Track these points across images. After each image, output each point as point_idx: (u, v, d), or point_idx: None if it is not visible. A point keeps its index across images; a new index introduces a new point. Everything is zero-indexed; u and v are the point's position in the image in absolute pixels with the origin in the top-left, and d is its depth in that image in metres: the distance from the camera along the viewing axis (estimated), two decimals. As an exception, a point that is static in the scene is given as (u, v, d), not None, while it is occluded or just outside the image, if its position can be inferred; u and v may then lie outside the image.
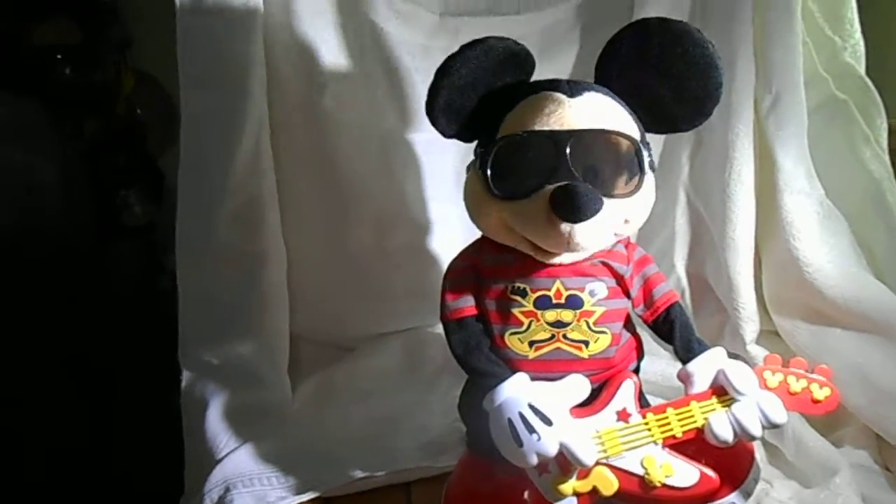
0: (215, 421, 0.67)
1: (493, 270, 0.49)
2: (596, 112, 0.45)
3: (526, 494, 0.50)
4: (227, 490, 0.61)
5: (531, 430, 0.44)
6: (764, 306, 0.67)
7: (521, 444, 0.43)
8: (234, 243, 0.67)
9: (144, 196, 1.13)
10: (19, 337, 0.91)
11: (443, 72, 0.45)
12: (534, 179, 0.44)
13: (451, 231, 0.78)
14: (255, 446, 0.66)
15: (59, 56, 1.19)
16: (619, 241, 0.49)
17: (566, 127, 0.44)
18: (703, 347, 0.49)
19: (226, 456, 0.65)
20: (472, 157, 0.49)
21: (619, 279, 0.49)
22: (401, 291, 0.79)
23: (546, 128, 0.44)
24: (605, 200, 0.43)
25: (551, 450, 0.44)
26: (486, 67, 0.46)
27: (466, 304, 0.50)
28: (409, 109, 0.74)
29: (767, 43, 0.61)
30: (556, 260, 0.47)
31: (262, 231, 0.68)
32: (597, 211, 0.42)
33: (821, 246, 0.59)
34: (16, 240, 0.98)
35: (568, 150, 0.43)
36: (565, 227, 0.43)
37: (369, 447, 0.66)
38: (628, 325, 0.51)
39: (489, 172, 0.45)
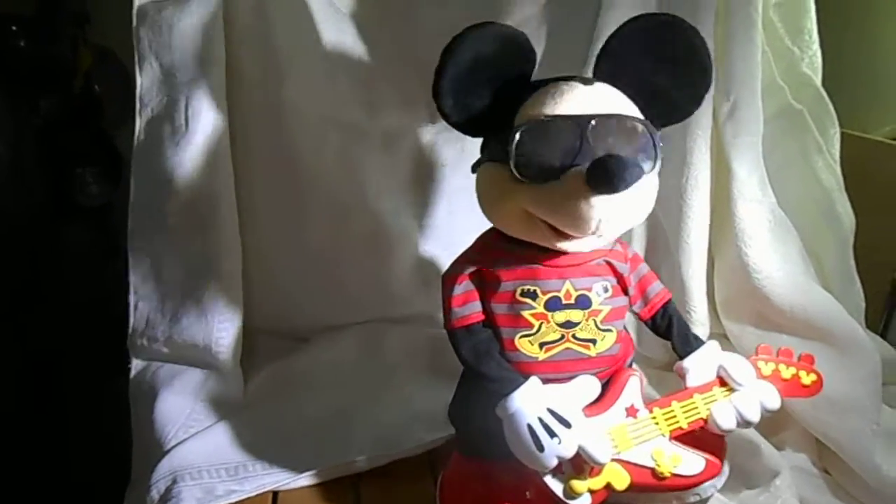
0: (164, 411, 0.66)
1: (499, 273, 0.49)
2: (612, 99, 0.46)
3: (528, 494, 0.51)
4: (175, 482, 0.60)
5: (552, 434, 0.44)
6: (715, 310, 0.68)
7: (542, 449, 0.44)
8: (188, 235, 0.66)
9: (101, 175, 1.10)
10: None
11: (447, 52, 0.45)
12: (559, 161, 0.43)
13: (406, 224, 0.78)
14: (205, 438, 0.65)
15: (13, 28, 1.15)
16: (616, 241, 0.50)
17: (587, 110, 0.44)
18: (699, 342, 0.52)
19: (174, 447, 0.64)
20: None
21: (620, 277, 0.50)
22: (356, 284, 0.78)
23: (568, 112, 0.44)
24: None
25: (571, 452, 0.45)
26: (490, 49, 0.45)
27: (473, 311, 0.49)
28: (370, 101, 0.73)
29: (728, 51, 0.62)
30: (572, 249, 0.47)
31: (217, 223, 0.67)
32: (639, 176, 0.42)
33: (771, 254, 0.60)
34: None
35: (591, 132, 0.43)
36: (600, 205, 0.43)
37: (321, 439, 0.66)
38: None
39: (513, 158, 0.44)
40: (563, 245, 0.47)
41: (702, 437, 0.50)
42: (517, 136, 0.44)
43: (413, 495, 0.62)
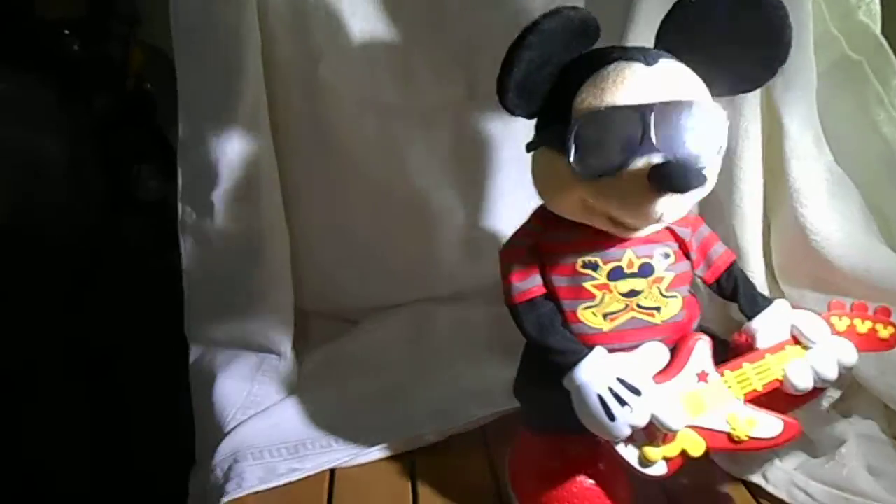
0: (222, 395, 0.68)
1: (559, 246, 0.48)
2: (675, 80, 0.44)
3: (601, 465, 0.51)
4: (237, 461, 0.62)
5: (623, 402, 0.44)
6: (773, 274, 0.66)
7: (613, 419, 0.44)
8: (234, 221, 0.67)
9: (158, 171, 1.13)
10: (29, 316, 0.92)
11: (519, 46, 0.42)
12: (619, 155, 0.42)
13: (450, 201, 0.77)
14: (264, 419, 0.67)
15: (66, 31, 1.18)
16: None
17: (648, 98, 0.42)
18: (767, 301, 0.51)
19: (234, 428, 0.66)
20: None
21: (681, 242, 0.49)
22: (403, 263, 0.79)
23: (628, 101, 0.42)
24: None
25: (644, 420, 0.44)
26: (564, 40, 0.43)
27: (534, 284, 0.48)
28: (406, 79, 0.73)
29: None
30: (632, 234, 0.47)
31: (262, 208, 0.68)
32: (702, 182, 0.41)
33: (829, 213, 0.57)
34: (24, 218, 0.99)
35: (653, 123, 0.41)
36: (663, 200, 0.42)
37: (377, 417, 0.67)
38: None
39: (572, 152, 0.42)
40: (622, 233, 0.46)
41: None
42: (575, 130, 0.42)
43: (468, 470, 0.62)
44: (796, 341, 0.49)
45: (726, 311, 0.64)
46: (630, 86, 0.42)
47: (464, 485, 0.60)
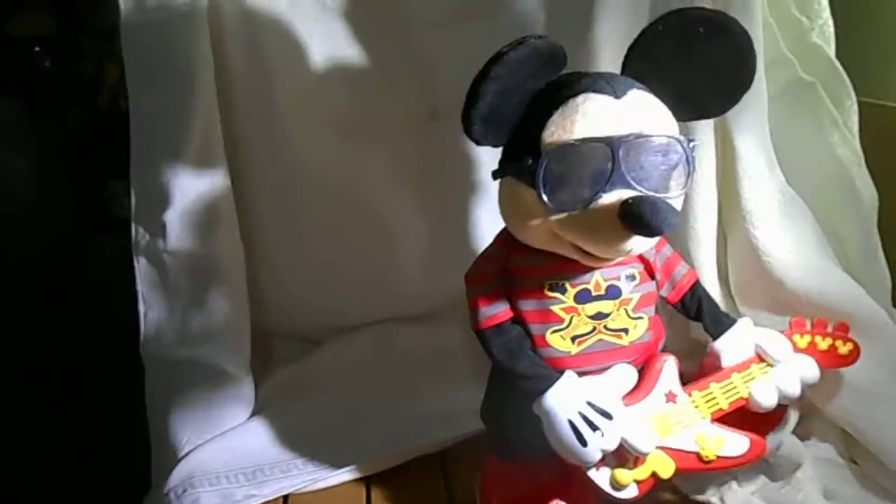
0: (177, 417, 0.67)
1: (525, 270, 0.48)
2: (644, 113, 0.44)
3: (573, 490, 0.51)
4: (193, 486, 0.62)
5: (594, 427, 0.44)
6: (731, 295, 0.66)
7: (585, 444, 0.44)
8: (187, 242, 0.66)
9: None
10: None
11: (484, 78, 0.41)
12: (588, 189, 0.42)
13: (412, 221, 0.77)
14: (221, 443, 0.67)
15: (36, 48, 1.18)
16: None
17: (618, 130, 0.42)
18: (731, 320, 0.52)
19: (189, 452, 0.65)
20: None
21: (646, 263, 0.49)
22: (365, 284, 0.78)
23: (597, 133, 0.42)
24: None
25: (615, 444, 0.45)
26: (531, 70, 0.43)
27: (501, 309, 0.48)
28: (368, 99, 0.73)
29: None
30: (599, 263, 0.47)
31: (216, 230, 0.67)
32: (673, 226, 0.41)
33: (782, 235, 0.57)
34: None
35: (622, 156, 0.41)
36: (633, 238, 0.42)
37: (337, 441, 0.66)
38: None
39: (542, 185, 0.42)
40: (590, 262, 0.46)
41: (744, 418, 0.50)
42: (545, 164, 0.42)
43: (424, 495, 0.62)
44: (761, 359, 0.50)
45: (685, 330, 0.63)
46: (599, 119, 0.42)
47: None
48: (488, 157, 0.72)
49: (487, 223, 0.75)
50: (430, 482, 0.63)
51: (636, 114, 0.43)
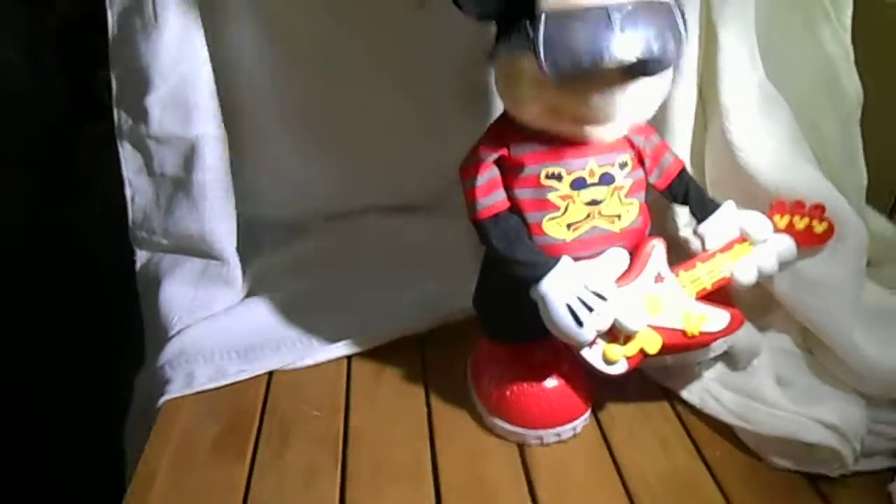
0: (167, 300, 0.70)
1: (521, 158, 0.48)
2: None
3: (564, 367, 0.54)
4: (187, 361, 0.64)
5: (590, 309, 0.46)
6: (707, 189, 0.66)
7: (581, 325, 0.46)
8: (169, 126, 0.67)
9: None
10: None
11: None
12: (588, 56, 0.42)
13: (398, 111, 0.78)
14: (213, 322, 0.69)
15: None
16: None
17: None
18: (715, 205, 0.54)
19: (181, 331, 0.68)
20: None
21: (637, 150, 0.50)
22: (352, 171, 0.79)
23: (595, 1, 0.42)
24: None
25: (608, 324, 0.47)
26: None
27: (499, 199, 0.49)
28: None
29: None
30: (597, 137, 0.48)
31: (198, 114, 0.67)
32: (674, 56, 0.43)
33: (757, 130, 0.57)
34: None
35: (620, 21, 0.42)
36: (630, 90, 0.44)
37: (324, 321, 0.69)
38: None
39: (542, 50, 0.42)
40: (588, 135, 0.47)
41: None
42: (542, 29, 0.42)
43: (402, 371, 0.65)
44: (744, 240, 0.53)
45: (662, 223, 0.64)
46: None
47: (397, 388, 0.63)
48: (475, 44, 0.71)
49: (470, 114, 0.74)
50: (408, 360, 0.66)
51: None
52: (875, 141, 0.64)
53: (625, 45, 0.42)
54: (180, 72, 0.65)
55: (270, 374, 0.65)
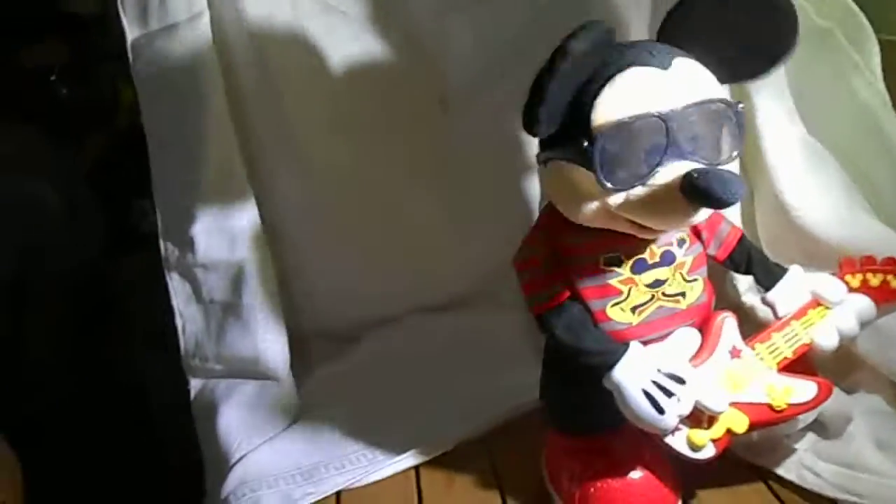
0: (225, 426, 0.68)
1: (578, 248, 0.48)
2: (692, 80, 0.43)
3: (646, 457, 0.51)
4: (253, 490, 0.62)
5: (669, 394, 0.44)
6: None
7: (662, 412, 0.44)
8: (215, 253, 0.67)
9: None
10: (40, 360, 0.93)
11: (551, 75, 0.39)
12: (645, 165, 0.41)
13: (431, 209, 0.78)
14: (273, 445, 0.67)
15: (52, 77, 1.20)
16: None
17: (669, 103, 0.41)
18: (782, 270, 0.52)
19: (242, 458, 0.66)
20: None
21: (692, 225, 0.49)
22: (394, 277, 0.79)
23: (648, 108, 0.41)
24: None
25: (690, 407, 0.45)
26: (594, 60, 0.42)
27: (558, 290, 0.48)
28: (374, 92, 0.73)
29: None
30: (656, 234, 0.46)
31: (242, 239, 0.68)
32: (741, 196, 0.39)
33: (807, 186, 0.56)
34: (30, 265, 1.01)
35: (676, 128, 0.41)
36: (701, 211, 0.42)
37: (385, 433, 0.66)
38: None
39: (599, 167, 0.41)
40: (649, 236, 0.46)
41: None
42: (600, 145, 0.41)
43: (473, 478, 0.62)
44: (817, 304, 0.50)
45: (723, 293, 0.63)
46: (648, 91, 0.41)
47: (471, 495, 0.60)
48: (502, 140, 0.72)
49: (504, 207, 0.75)
50: (478, 463, 0.63)
51: (686, 83, 0.42)
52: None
53: (679, 146, 0.41)
54: (223, 200, 0.66)
55: (338, 493, 0.63)
